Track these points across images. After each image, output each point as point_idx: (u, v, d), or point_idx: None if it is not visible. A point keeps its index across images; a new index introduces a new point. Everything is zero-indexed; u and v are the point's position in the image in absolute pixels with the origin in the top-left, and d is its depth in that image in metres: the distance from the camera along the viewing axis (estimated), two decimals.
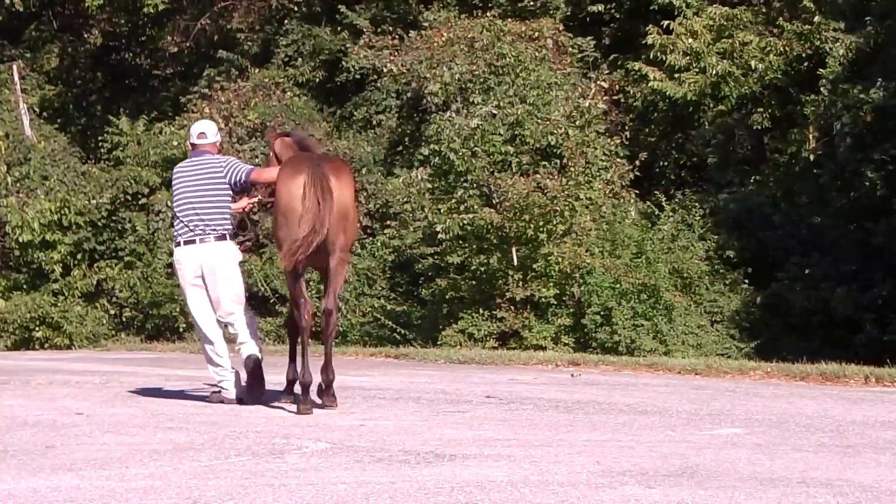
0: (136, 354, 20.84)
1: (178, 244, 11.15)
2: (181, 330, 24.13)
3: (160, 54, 37.69)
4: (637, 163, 23.35)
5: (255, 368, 11.03)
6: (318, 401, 10.71)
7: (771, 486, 6.90)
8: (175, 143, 25.69)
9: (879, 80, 23.01)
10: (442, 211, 21.77)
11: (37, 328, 23.75)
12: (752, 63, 26.58)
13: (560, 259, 20.71)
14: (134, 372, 15.37)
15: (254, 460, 7.78)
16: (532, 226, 20.76)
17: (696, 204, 24.11)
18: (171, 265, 24.08)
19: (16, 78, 30.65)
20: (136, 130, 26.48)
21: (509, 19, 26.60)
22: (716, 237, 23.47)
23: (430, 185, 22.79)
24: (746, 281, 23.49)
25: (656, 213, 23.67)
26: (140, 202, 25.18)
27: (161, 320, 24.57)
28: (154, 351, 21.81)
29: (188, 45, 35.99)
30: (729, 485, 6.93)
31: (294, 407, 10.50)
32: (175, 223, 11.29)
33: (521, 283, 20.93)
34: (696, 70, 26.77)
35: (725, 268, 23.55)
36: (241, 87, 28.40)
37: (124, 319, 25.42)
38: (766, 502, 6.47)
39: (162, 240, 24.39)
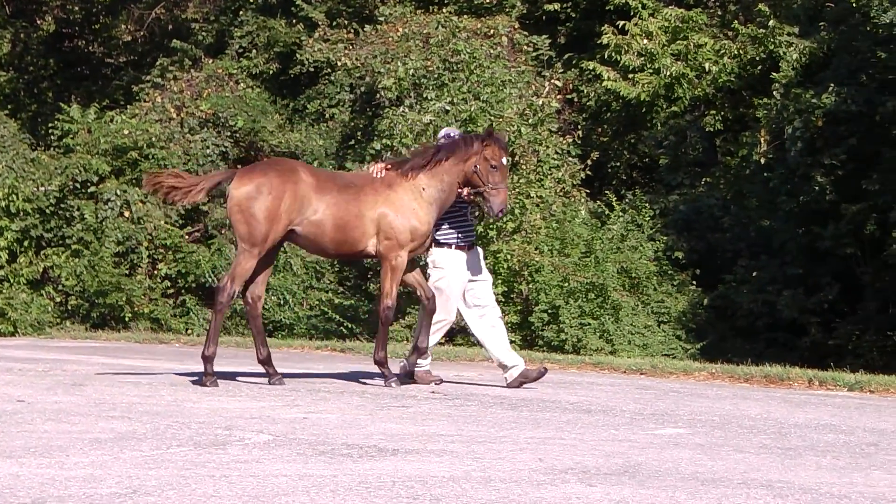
0: (81, 343, 20.69)
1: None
2: (126, 319, 23.95)
3: (113, 42, 37.42)
4: (588, 162, 23.40)
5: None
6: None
7: (712, 487, 6.92)
8: (126, 131, 25.43)
9: (831, 85, 23.15)
10: None
11: None
12: (706, 65, 26.74)
13: (509, 256, 20.71)
14: (78, 360, 15.26)
15: (195, 451, 7.74)
16: (482, 223, 20.74)
17: (647, 204, 24.15)
18: (118, 254, 24.09)
19: None
20: (86, 118, 26.17)
21: (465, 16, 26.62)
22: (665, 238, 23.53)
23: None
24: (694, 282, 23.59)
25: (606, 212, 23.71)
26: (89, 190, 24.90)
27: (107, 309, 24.35)
28: (99, 340, 21.66)
29: (142, 33, 35.79)
30: (670, 484, 6.95)
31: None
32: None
33: None
34: (650, 71, 26.88)
35: (673, 269, 23.63)
36: (194, 78, 28.22)
37: (69, 308, 25.16)
38: (707, 502, 6.49)
39: (110, 228, 24.18)
